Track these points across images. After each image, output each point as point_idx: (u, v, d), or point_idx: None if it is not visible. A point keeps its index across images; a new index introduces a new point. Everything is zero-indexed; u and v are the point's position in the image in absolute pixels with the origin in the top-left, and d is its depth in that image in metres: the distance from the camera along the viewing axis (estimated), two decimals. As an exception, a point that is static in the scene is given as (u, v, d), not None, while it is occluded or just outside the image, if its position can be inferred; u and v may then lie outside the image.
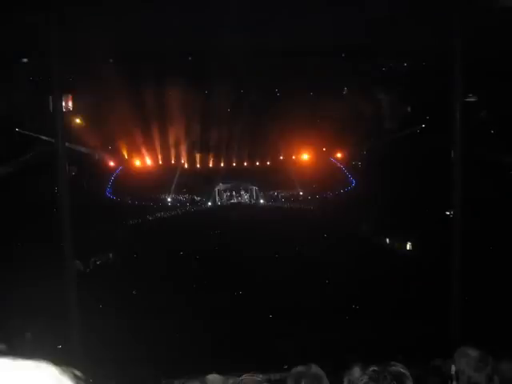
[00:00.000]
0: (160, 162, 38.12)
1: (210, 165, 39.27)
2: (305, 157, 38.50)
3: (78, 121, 33.13)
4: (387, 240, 24.33)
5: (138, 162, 37.83)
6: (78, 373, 0.90)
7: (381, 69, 32.37)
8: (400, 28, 15.96)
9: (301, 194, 35.56)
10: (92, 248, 20.13)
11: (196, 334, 12.95)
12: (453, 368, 2.88)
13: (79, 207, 11.75)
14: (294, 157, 38.67)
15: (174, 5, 15.60)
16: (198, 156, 39.12)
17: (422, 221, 21.77)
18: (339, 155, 38.14)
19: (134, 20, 16.80)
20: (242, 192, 36.12)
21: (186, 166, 38.57)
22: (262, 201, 35.92)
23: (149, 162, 38.01)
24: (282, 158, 39.17)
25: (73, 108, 31.21)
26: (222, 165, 38.79)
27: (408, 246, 23.28)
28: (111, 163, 36.65)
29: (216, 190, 35.98)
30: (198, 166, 39.21)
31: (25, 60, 25.12)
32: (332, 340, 11.73)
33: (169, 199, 35.48)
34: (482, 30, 11.25)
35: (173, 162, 38.11)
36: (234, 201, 35.79)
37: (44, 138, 26.23)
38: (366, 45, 24.13)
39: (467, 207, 8.08)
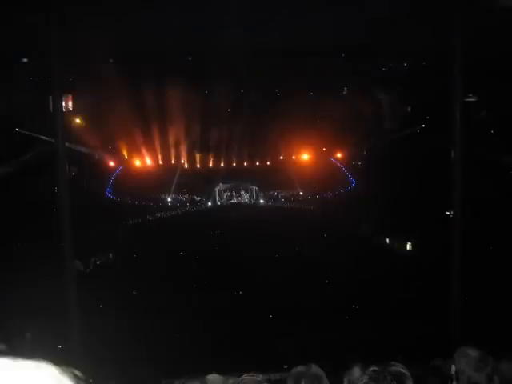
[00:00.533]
0: (160, 162, 38.12)
1: (210, 165, 39.28)
2: (305, 157, 38.50)
3: (78, 121, 33.13)
4: (387, 240, 24.33)
5: (138, 162, 37.83)
6: (78, 373, 0.90)
7: (381, 69, 32.36)
8: (400, 28, 15.96)
9: (301, 194, 35.56)
10: (92, 248, 20.13)
11: (196, 334, 12.95)
12: (453, 368, 2.88)
13: (79, 207, 11.75)
14: (294, 157, 38.67)
15: (173, 5, 15.60)
16: (197, 156, 39.12)
17: (422, 221, 21.78)
18: (339, 155, 38.15)
19: (134, 20, 16.79)
20: (242, 192, 36.13)
21: (185, 166, 38.57)
22: (261, 201, 35.92)
23: (149, 162, 38.02)
24: (282, 157, 39.17)
25: (73, 108, 31.21)
26: (222, 165, 38.80)
27: (408, 246, 23.28)
28: (111, 163, 36.65)
29: (216, 190, 35.98)
30: (198, 166, 39.21)
31: (25, 60, 25.11)
32: (332, 340, 11.73)
33: (169, 199, 35.48)
34: (481, 29, 11.24)
35: (173, 162, 38.11)
36: (234, 201, 35.79)
37: (44, 137, 26.24)
38: (366, 45, 24.12)
39: (467, 207, 8.08)
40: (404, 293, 15.26)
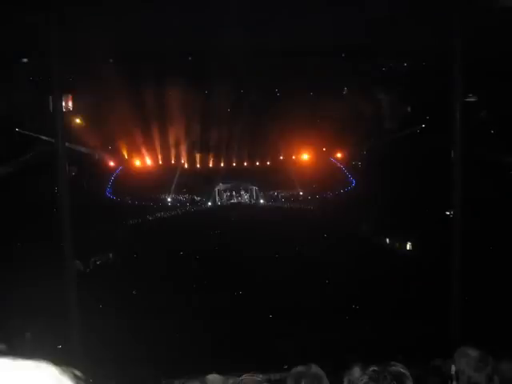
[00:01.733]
0: (160, 162, 38.12)
1: (210, 165, 39.28)
2: (305, 157, 38.50)
3: (78, 121, 33.12)
4: (387, 240, 24.33)
5: (138, 162, 37.83)
6: (78, 373, 0.90)
7: (381, 69, 32.36)
8: (400, 28, 15.96)
9: (301, 194, 35.56)
10: (92, 248, 20.13)
11: (196, 334, 12.95)
12: (453, 368, 2.88)
13: (79, 207, 11.74)
14: (294, 157, 38.67)
15: (173, 5, 15.60)
16: (197, 156, 39.12)
17: (422, 221, 21.77)
18: (339, 155, 38.14)
19: (134, 20, 16.79)
20: (242, 192, 36.13)
21: (185, 165, 38.58)
22: (261, 201, 35.92)
23: (149, 162, 38.01)
24: (282, 157, 39.17)
25: (73, 108, 31.20)
26: (222, 165, 38.80)
27: (408, 246, 23.28)
28: (111, 163, 36.65)
29: (216, 190, 35.99)
30: (198, 166, 39.20)
31: (25, 60, 25.10)
32: (332, 340, 11.73)
33: (169, 199, 35.48)
34: (481, 29, 11.24)
35: (173, 161, 38.11)
36: (234, 201, 35.79)
37: (44, 137, 26.24)
38: (366, 45, 24.11)
39: (467, 207, 8.08)
40: (404, 293, 15.26)
